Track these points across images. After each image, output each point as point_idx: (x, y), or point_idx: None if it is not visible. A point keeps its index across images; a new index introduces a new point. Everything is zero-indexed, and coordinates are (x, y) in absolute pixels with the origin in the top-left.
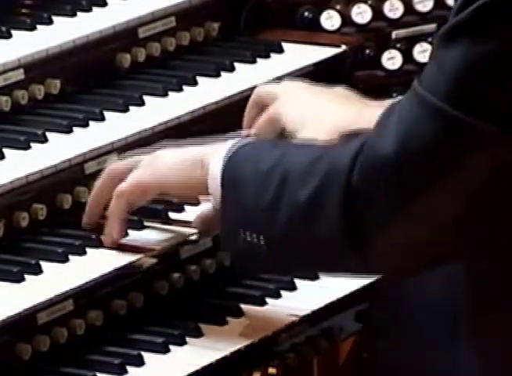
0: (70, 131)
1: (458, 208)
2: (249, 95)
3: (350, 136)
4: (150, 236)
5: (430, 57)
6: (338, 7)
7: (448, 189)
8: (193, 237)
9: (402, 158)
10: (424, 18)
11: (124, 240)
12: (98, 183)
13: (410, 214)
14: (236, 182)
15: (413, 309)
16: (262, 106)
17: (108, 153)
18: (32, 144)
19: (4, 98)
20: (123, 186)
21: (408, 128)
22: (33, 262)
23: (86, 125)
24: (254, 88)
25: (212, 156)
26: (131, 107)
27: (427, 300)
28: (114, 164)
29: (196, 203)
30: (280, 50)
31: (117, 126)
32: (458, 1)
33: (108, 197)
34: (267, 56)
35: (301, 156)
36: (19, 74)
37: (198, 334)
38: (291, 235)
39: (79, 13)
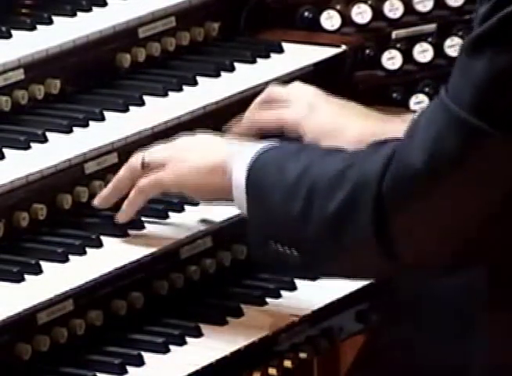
0: (70, 131)
1: (482, 214)
2: (249, 95)
3: (378, 144)
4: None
5: (456, 65)
6: (338, 7)
7: (475, 198)
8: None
9: (431, 169)
10: (424, 18)
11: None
12: (120, 172)
13: (436, 221)
14: (262, 192)
15: (429, 305)
16: (270, 106)
17: (108, 153)
18: (32, 144)
19: (4, 98)
20: (145, 182)
21: (435, 137)
22: (33, 262)
23: (86, 125)
24: (254, 88)
25: (234, 161)
26: (131, 107)
27: (442, 296)
28: (137, 155)
29: (197, 203)
30: (280, 50)
31: (117, 126)
32: (481, 10)
33: (127, 186)
34: (267, 56)
35: (328, 164)
36: (19, 74)
37: (198, 334)
38: (322, 246)
39: (79, 13)
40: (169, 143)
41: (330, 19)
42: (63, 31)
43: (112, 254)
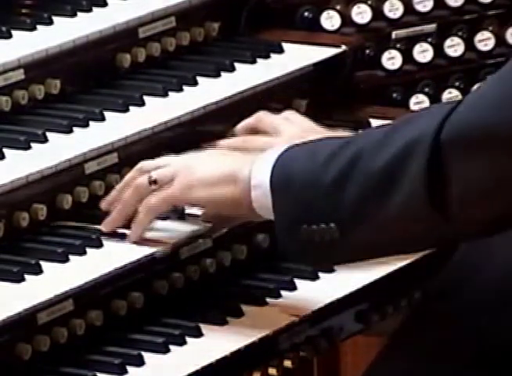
0: (70, 131)
1: None
2: (249, 95)
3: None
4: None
5: None
6: (338, 7)
7: None
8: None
9: (500, 122)
10: (424, 18)
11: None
12: (127, 193)
13: (493, 176)
14: (290, 178)
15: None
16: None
17: (108, 153)
18: (32, 144)
19: (4, 98)
20: (154, 201)
21: (504, 93)
22: (33, 262)
23: (86, 125)
24: (254, 88)
25: (249, 166)
26: (131, 107)
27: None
28: (142, 164)
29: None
30: (280, 50)
31: (117, 126)
32: None
33: (135, 207)
34: (267, 56)
35: (369, 135)
36: (19, 74)
37: (198, 334)
38: (367, 208)
39: (79, 13)
40: (175, 157)
41: (330, 19)
42: (63, 31)
43: (112, 254)
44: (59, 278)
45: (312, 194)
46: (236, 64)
